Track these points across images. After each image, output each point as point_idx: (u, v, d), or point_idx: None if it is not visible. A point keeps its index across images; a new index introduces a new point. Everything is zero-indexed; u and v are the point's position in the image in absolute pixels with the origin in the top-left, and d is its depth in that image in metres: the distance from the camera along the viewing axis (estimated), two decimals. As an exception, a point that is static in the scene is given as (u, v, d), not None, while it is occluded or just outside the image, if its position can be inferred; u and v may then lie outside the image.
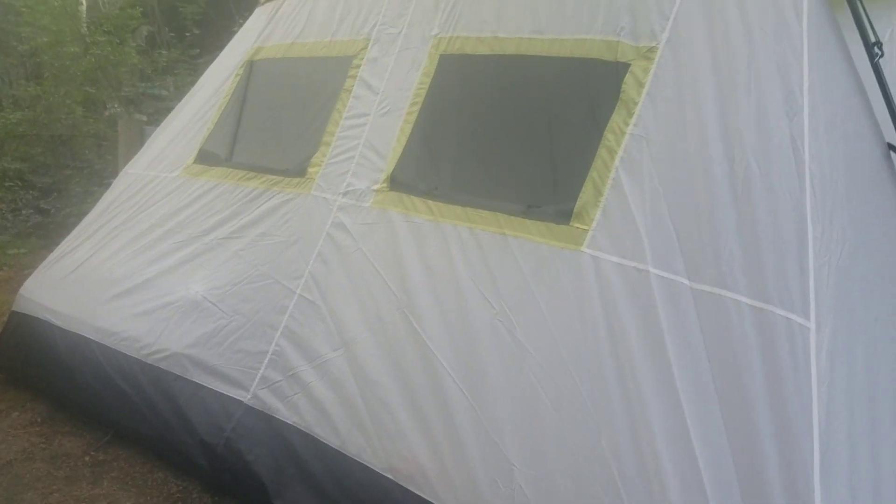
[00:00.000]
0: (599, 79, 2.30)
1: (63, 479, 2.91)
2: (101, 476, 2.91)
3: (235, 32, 3.92)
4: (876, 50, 2.23)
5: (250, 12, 3.89)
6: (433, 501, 2.16)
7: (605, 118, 2.23)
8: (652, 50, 2.21)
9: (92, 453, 3.06)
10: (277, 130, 3.34)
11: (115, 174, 4.55)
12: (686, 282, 1.94)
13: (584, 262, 2.12)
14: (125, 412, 2.98)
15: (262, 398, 2.60)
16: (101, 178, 6.64)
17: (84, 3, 11.29)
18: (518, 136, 2.49)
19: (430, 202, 2.52)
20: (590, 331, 2.04)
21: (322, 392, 2.47)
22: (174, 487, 2.81)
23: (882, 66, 2.25)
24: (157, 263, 3.18)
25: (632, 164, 2.14)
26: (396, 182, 2.65)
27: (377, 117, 2.81)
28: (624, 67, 2.25)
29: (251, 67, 3.55)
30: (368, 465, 2.31)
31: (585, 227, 2.16)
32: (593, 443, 1.94)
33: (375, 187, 2.69)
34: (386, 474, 2.27)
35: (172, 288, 3.02)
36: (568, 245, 2.17)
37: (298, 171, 2.95)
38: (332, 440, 2.40)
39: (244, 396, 2.64)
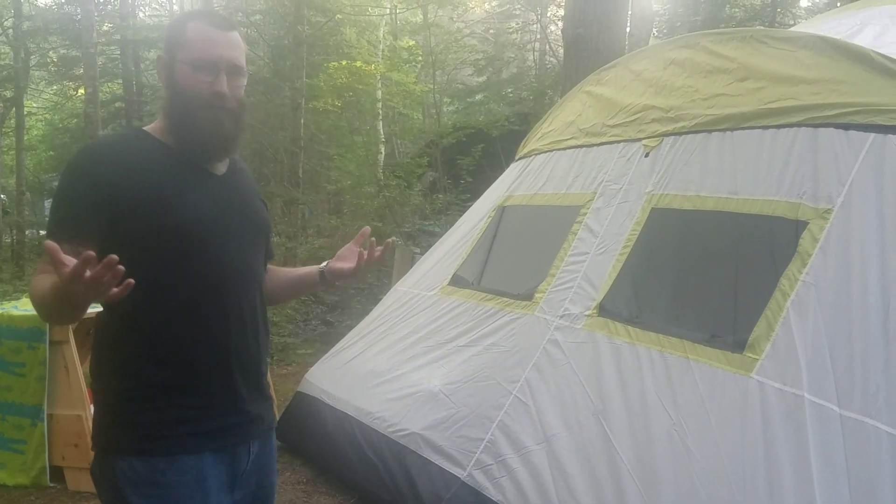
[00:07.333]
0: (781, 233, 2.67)
1: (316, 526, 3.62)
2: (345, 528, 3.59)
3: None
4: None
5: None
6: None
7: (782, 267, 2.59)
8: (828, 211, 2.57)
9: (341, 510, 3.77)
10: (516, 262, 4.03)
11: (387, 293, 5.50)
12: (836, 408, 2.21)
13: (751, 386, 2.46)
14: (369, 478, 3.66)
15: (475, 477, 3.12)
16: (377, 298, 7.77)
17: (383, 152, 13.34)
18: (708, 278, 2.92)
19: (630, 328, 2.98)
20: (749, 444, 2.35)
21: (524, 477, 2.95)
22: (399, 544, 3.39)
23: None
24: (410, 362, 3.93)
25: (801, 306, 2.47)
26: (604, 310, 3.15)
27: (595, 256, 3.36)
28: (803, 225, 2.62)
29: (502, 211, 4.31)
30: (553, 542, 2.73)
31: (756, 357, 2.50)
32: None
33: (587, 313, 3.21)
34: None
35: (418, 381, 3.72)
36: (740, 371, 2.52)
37: (527, 295, 3.56)
38: (526, 518, 2.85)
39: (461, 474, 3.19)
